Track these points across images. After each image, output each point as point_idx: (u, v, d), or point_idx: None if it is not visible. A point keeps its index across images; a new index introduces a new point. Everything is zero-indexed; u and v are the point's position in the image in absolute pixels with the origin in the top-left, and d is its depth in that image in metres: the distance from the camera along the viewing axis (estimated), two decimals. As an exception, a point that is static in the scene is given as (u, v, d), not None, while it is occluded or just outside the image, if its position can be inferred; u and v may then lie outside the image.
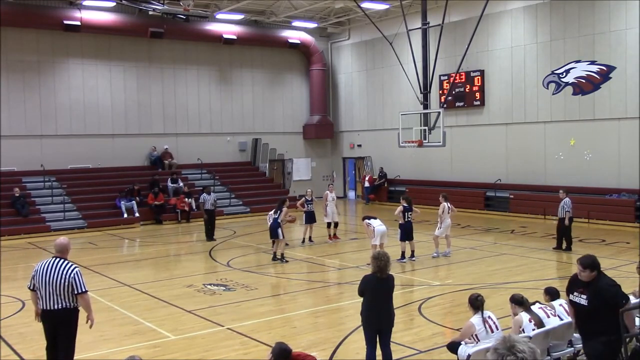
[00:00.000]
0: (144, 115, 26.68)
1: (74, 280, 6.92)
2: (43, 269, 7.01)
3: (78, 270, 7.03)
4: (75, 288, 6.92)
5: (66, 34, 24.35)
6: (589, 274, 6.12)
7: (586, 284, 6.14)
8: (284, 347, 5.74)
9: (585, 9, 21.15)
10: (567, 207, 15.55)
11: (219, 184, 26.68)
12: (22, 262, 16.47)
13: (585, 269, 6.13)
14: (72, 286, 6.90)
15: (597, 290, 6.06)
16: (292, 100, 31.07)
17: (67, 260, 7.09)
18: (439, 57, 20.51)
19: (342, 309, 11.09)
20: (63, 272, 6.93)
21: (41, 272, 7.00)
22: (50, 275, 6.93)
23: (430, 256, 15.29)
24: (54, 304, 6.93)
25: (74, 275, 6.93)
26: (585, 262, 6.16)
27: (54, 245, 7.29)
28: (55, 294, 6.92)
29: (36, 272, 7.05)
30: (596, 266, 6.15)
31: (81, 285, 6.96)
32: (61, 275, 6.91)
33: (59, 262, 7.03)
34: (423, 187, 26.25)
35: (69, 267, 6.99)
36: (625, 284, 10.32)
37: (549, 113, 22.43)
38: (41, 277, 6.97)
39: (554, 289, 7.86)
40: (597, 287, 6.08)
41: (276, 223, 15.37)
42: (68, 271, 6.94)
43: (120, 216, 22.98)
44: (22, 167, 23.58)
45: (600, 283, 6.12)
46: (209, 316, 10.43)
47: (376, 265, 7.32)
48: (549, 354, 6.89)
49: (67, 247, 7.24)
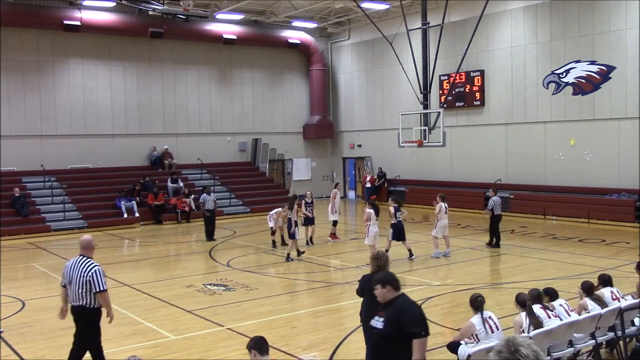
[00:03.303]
0: (144, 115, 26.68)
1: (92, 279, 7.04)
2: (70, 267, 7.22)
3: (98, 268, 7.14)
4: (93, 286, 7.04)
5: (66, 34, 24.35)
6: (380, 291, 5.33)
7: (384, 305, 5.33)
8: (257, 337, 5.75)
9: (585, 9, 21.15)
10: (497, 204, 16.45)
11: (219, 184, 26.68)
12: (22, 262, 16.49)
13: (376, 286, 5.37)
14: (90, 284, 7.03)
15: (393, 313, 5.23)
16: (292, 100, 31.07)
17: (89, 259, 7.23)
18: (439, 57, 20.53)
19: (342, 309, 11.09)
20: (83, 270, 7.08)
21: (68, 269, 7.22)
22: (73, 273, 7.13)
23: (430, 256, 15.29)
24: (75, 301, 7.15)
25: (92, 274, 7.06)
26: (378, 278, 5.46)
27: (79, 243, 7.45)
28: (76, 292, 7.11)
29: (65, 269, 7.26)
30: (389, 282, 5.38)
31: (99, 284, 7.07)
32: (81, 274, 7.07)
33: (81, 260, 7.20)
34: (423, 187, 26.25)
35: (89, 265, 7.13)
36: (625, 284, 10.36)
37: (549, 113, 22.43)
38: (67, 275, 7.19)
39: (553, 289, 7.87)
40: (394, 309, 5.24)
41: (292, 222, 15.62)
42: (87, 269, 7.09)
43: (120, 216, 22.98)
44: (22, 167, 23.58)
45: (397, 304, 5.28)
46: (209, 316, 10.43)
47: (376, 265, 7.30)
48: (549, 354, 6.89)
49: (90, 245, 7.37)
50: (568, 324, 7.03)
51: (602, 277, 8.31)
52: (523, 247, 16.67)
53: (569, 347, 7.16)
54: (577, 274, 12.77)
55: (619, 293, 7.99)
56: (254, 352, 5.48)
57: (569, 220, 21.09)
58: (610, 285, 8.11)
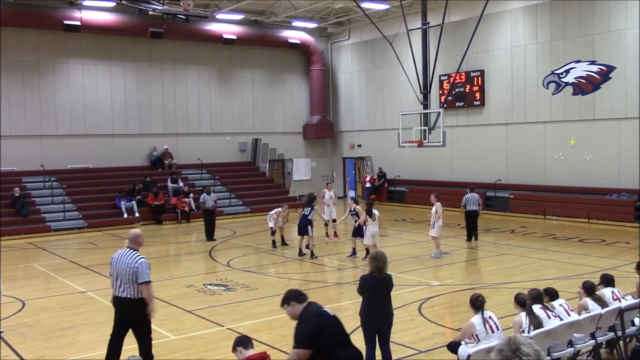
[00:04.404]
0: (144, 115, 26.68)
1: (137, 270, 7.28)
2: (116, 259, 7.45)
3: (144, 261, 7.38)
4: (137, 277, 7.27)
5: (66, 34, 24.35)
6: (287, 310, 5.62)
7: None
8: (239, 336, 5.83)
9: (585, 9, 21.15)
10: (471, 201, 17.16)
11: (219, 184, 26.68)
12: (22, 262, 16.48)
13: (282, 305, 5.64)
14: (135, 275, 7.26)
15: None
16: (292, 100, 31.07)
17: (136, 251, 7.46)
18: (439, 57, 20.53)
19: (342, 309, 11.07)
20: (129, 262, 7.31)
21: (115, 261, 7.45)
22: (120, 264, 7.37)
23: (430, 256, 15.29)
24: (121, 293, 7.37)
25: (138, 265, 7.30)
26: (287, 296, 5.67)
27: (128, 235, 7.76)
28: (123, 284, 7.33)
29: (113, 260, 7.50)
30: (290, 299, 5.62)
31: (144, 275, 7.31)
32: (127, 265, 7.30)
33: (129, 252, 7.43)
34: (423, 187, 26.24)
35: (136, 257, 7.35)
36: (625, 284, 10.36)
37: (549, 113, 22.43)
38: (114, 266, 7.43)
39: (553, 289, 7.87)
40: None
41: (306, 220, 15.63)
42: (133, 261, 7.31)
43: (120, 216, 22.97)
44: (22, 167, 23.57)
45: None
46: (209, 316, 10.44)
47: (374, 266, 7.31)
48: (549, 354, 6.89)
49: (138, 238, 7.61)
50: (568, 324, 7.03)
51: (604, 276, 8.31)
52: (523, 247, 16.66)
53: (569, 347, 7.16)
54: (577, 274, 12.78)
55: (620, 293, 7.99)
56: (239, 350, 5.58)
57: (569, 220, 21.09)
58: (612, 285, 8.11)
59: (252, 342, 5.56)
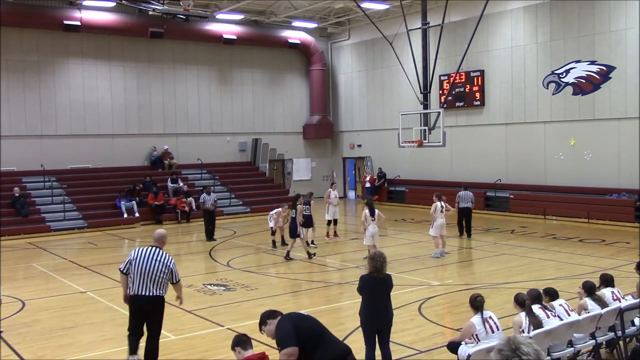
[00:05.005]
0: (144, 115, 26.68)
1: (173, 269, 7.46)
2: (142, 257, 7.41)
3: (174, 260, 7.58)
4: (172, 277, 7.51)
5: (66, 34, 24.34)
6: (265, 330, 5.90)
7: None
8: (237, 334, 5.84)
9: (585, 9, 21.15)
10: (463, 198, 17.77)
11: (219, 184, 26.68)
12: (22, 262, 16.47)
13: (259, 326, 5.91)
14: (170, 275, 7.42)
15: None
16: (292, 100, 31.07)
17: (164, 251, 7.58)
18: (439, 57, 20.52)
19: (342, 309, 11.09)
20: (163, 261, 7.40)
21: (140, 259, 7.39)
22: (149, 263, 7.35)
23: (430, 256, 15.29)
24: (148, 291, 7.34)
25: (173, 265, 7.47)
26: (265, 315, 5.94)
27: (153, 235, 7.85)
28: (151, 282, 7.33)
29: (134, 258, 7.43)
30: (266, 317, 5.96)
31: (178, 275, 7.64)
32: (162, 264, 7.38)
33: (157, 251, 7.49)
34: (423, 187, 26.25)
35: (168, 257, 7.52)
36: (625, 283, 10.35)
37: (549, 113, 22.43)
38: (139, 264, 7.36)
39: (553, 289, 7.87)
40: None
41: (295, 222, 15.56)
42: (167, 261, 7.46)
43: (120, 216, 22.97)
44: (22, 167, 23.57)
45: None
46: (209, 316, 10.44)
47: (372, 266, 7.31)
48: (549, 354, 6.89)
49: (164, 238, 7.78)
50: (568, 324, 7.03)
51: (604, 276, 8.31)
52: (523, 247, 16.66)
53: (569, 347, 7.16)
54: (577, 274, 12.78)
55: (619, 293, 7.99)
56: (237, 350, 5.56)
57: (569, 220, 21.10)
58: (611, 285, 8.11)
59: (250, 342, 5.58)
